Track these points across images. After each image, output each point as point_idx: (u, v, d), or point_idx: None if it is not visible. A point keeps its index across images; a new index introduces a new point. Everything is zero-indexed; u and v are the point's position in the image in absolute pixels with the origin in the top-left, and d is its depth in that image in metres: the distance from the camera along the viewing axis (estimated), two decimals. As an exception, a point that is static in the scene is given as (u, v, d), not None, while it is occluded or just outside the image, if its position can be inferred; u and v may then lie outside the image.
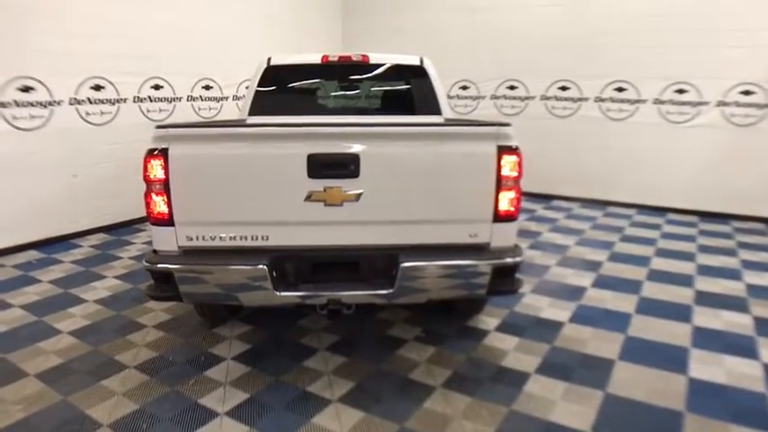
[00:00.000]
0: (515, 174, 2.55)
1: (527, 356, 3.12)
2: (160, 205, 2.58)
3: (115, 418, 2.63)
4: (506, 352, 3.18)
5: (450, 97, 8.03)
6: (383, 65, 4.26)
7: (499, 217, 2.59)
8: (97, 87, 5.73)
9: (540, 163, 7.42)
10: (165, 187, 2.54)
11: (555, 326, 3.52)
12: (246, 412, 2.64)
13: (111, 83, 5.84)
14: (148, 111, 6.27)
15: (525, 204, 6.92)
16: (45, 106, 5.30)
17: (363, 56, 4.17)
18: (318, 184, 2.51)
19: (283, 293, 2.57)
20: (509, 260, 2.57)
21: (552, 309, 3.79)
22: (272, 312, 3.70)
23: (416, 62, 4.22)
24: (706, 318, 3.67)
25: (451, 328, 3.49)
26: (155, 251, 2.70)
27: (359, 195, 2.53)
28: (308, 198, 2.52)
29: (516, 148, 2.55)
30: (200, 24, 6.68)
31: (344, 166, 2.49)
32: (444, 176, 2.55)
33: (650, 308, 3.82)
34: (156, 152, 2.51)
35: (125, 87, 5.99)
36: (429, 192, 2.57)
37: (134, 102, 6.11)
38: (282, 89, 4.30)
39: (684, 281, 4.35)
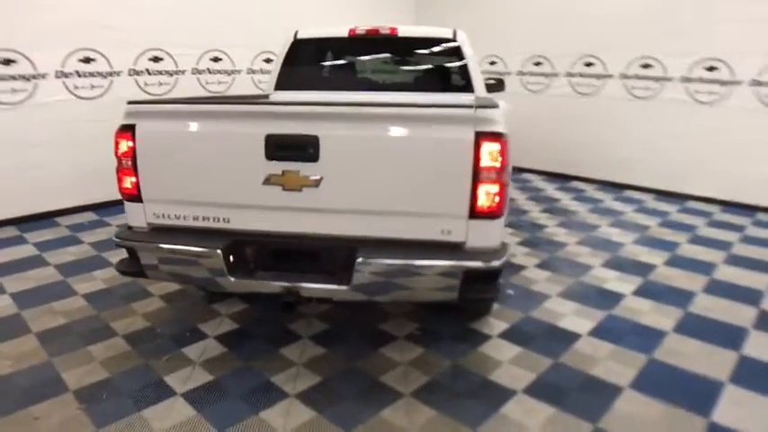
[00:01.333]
0: (497, 164, 2.20)
1: (521, 371, 2.77)
2: (128, 181, 2.53)
3: (82, 385, 2.67)
4: (500, 363, 2.85)
5: (522, 74, 7.49)
6: (412, 38, 3.93)
7: (476, 213, 2.25)
8: (156, 59, 5.87)
9: (611, 150, 6.79)
10: (133, 163, 2.49)
11: (569, 338, 3.11)
12: (203, 396, 2.57)
13: (169, 55, 5.96)
14: (207, 83, 6.38)
15: (593, 194, 6.33)
16: (105, 77, 5.51)
17: (392, 29, 3.89)
18: (277, 167, 2.32)
19: (238, 280, 2.43)
20: (481, 264, 2.23)
21: (575, 317, 3.36)
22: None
23: (448, 35, 3.86)
24: (760, 347, 3.06)
25: (451, 329, 3.19)
26: (129, 227, 2.66)
27: (318, 181, 2.31)
28: (267, 181, 2.34)
29: (501, 135, 2.19)
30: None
31: (303, 149, 2.28)
32: (413, 164, 2.25)
33: (692, 326, 3.27)
34: (124, 128, 2.45)
35: (184, 59, 6.10)
36: (396, 180, 2.28)
37: (192, 74, 6.22)
38: (308, 63, 4.13)
39: (751, 297, 3.69)
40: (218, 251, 2.38)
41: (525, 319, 3.32)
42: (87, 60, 5.38)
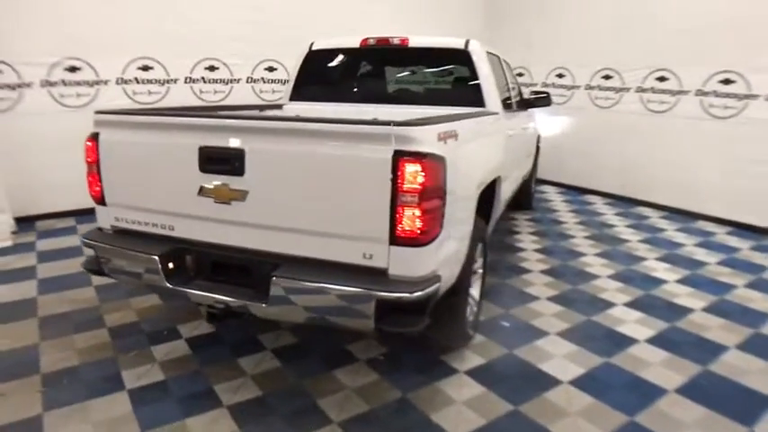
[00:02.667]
0: (419, 187, 2.03)
1: (471, 415, 2.55)
2: (94, 185, 2.67)
3: (52, 369, 2.83)
4: (451, 403, 2.63)
5: (590, 88, 7.00)
6: (423, 48, 3.79)
7: (398, 239, 2.09)
8: (212, 68, 6.18)
9: (683, 174, 6.09)
10: (98, 169, 2.62)
11: (545, 383, 2.82)
12: (145, 394, 2.63)
13: (225, 64, 6.25)
14: (261, 91, 6.61)
15: (656, 222, 5.75)
16: (162, 84, 5.89)
17: (402, 39, 3.78)
18: (208, 179, 2.33)
19: (174, 287, 2.45)
20: (390, 294, 2.06)
21: (564, 360, 3.05)
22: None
23: (460, 46, 3.67)
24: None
25: (419, 358, 3.02)
26: (99, 228, 2.80)
27: (245, 194, 2.27)
28: (201, 192, 2.37)
29: (425, 156, 2.02)
30: (321, 6, 6.73)
31: (229, 162, 2.27)
32: (333, 183, 2.14)
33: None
34: (91, 136, 2.62)
35: (238, 69, 6.36)
36: (317, 199, 2.19)
37: (247, 82, 6.48)
38: (322, 74, 4.13)
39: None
40: (155, 257, 2.41)
41: (505, 357, 3.06)
42: (146, 68, 5.77)
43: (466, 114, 2.86)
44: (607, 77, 6.86)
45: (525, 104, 4.92)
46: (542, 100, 4.93)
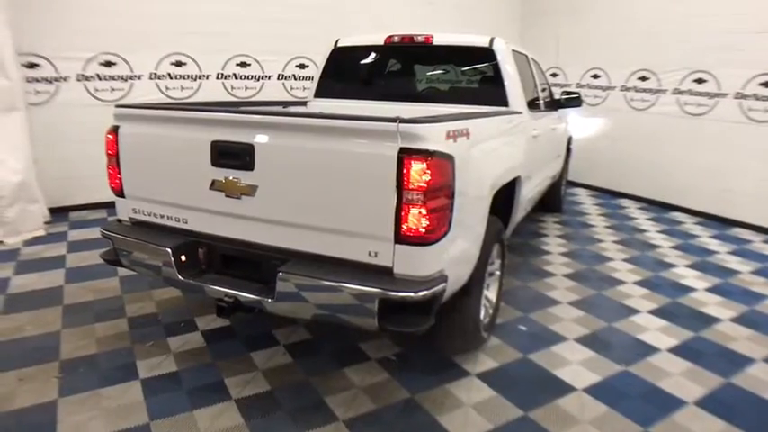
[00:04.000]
0: (424, 186, 2.00)
1: (479, 420, 2.50)
2: (114, 177, 2.73)
3: (71, 357, 2.91)
4: (459, 406, 2.59)
5: (625, 89, 6.81)
6: (447, 46, 3.75)
7: (403, 238, 2.07)
8: (243, 64, 6.26)
9: (720, 180, 5.86)
10: (117, 162, 2.68)
11: (559, 390, 2.74)
12: (156, 386, 2.67)
13: (256, 60, 6.33)
14: (292, 88, 6.68)
15: (690, 228, 5.61)
16: (194, 79, 6.01)
17: (427, 37, 3.75)
18: (220, 173, 2.36)
19: (186, 280, 2.49)
20: (393, 293, 2.04)
21: (580, 367, 2.97)
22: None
23: (484, 44, 3.62)
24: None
25: (431, 359, 2.98)
26: (118, 220, 2.87)
27: (254, 189, 2.29)
28: (212, 186, 2.39)
29: (432, 153, 1.99)
30: (355, 3, 6.75)
31: (239, 157, 2.28)
32: (339, 179, 2.13)
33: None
34: (112, 129, 2.68)
35: (270, 65, 6.43)
36: (323, 195, 2.18)
37: (278, 79, 6.55)
38: (347, 71, 4.13)
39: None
40: (168, 249, 2.45)
41: (519, 361, 2.99)
42: (179, 64, 5.89)
43: (481, 113, 2.80)
44: (643, 79, 6.66)
45: (555, 105, 4.82)
46: (573, 101, 4.82)
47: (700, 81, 6.04)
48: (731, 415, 2.56)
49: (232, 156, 2.30)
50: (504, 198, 3.08)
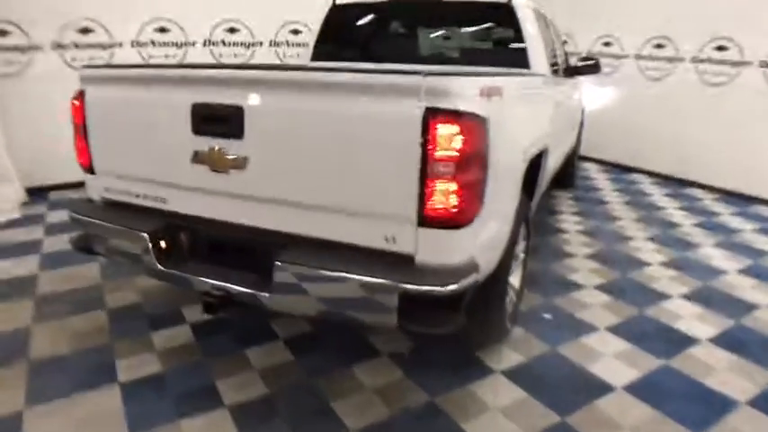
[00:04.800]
0: (456, 155, 1.62)
1: (511, 426, 2.17)
2: (82, 151, 2.34)
3: (40, 358, 2.58)
4: (487, 410, 2.26)
5: (639, 57, 6.40)
6: (460, 3, 3.34)
7: (428, 219, 1.70)
8: (232, 30, 5.81)
9: (743, 154, 5.51)
10: (85, 132, 2.30)
11: (597, 389, 2.42)
12: (137, 391, 2.33)
13: (246, 26, 5.90)
14: (285, 55, 6.33)
15: (710, 205, 5.28)
16: (179, 47, 5.55)
17: (438, -7, 3.32)
18: (203, 143, 1.97)
19: (167, 270, 2.12)
20: (419, 287, 1.68)
21: (617, 361, 2.65)
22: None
23: (503, 0, 3.20)
24: None
25: (449, 354, 2.65)
26: (88, 200, 2.49)
27: (244, 161, 1.90)
28: (195, 159, 2.01)
29: (464, 115, 1.61)
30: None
31: (226, 123, 1.90)
32: (348, 148, 1.76)
33: None
34: (77, 95, 2.30)
35: (261, 31, 6.10)
36: (329, 167, 1.81)
37: (270, 45, 6.24)
38: (346, 33, 3.71)
39: None
40: (145, 234, 2.08)
41: (548, 355, 2.67)
42: (163, 30, 5.45)
43: (512, 72, 2.41)
44: (659, 46, 6.25)
45: (572, 72, 4.43)
46: (590, 67, 4.43)
47: (721, 48, 5.65)
48: (795, 417, 2.24)
49: (217, 121, 1.91)
50: (529, 172, 2.71)
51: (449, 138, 1.61)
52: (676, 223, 4.84)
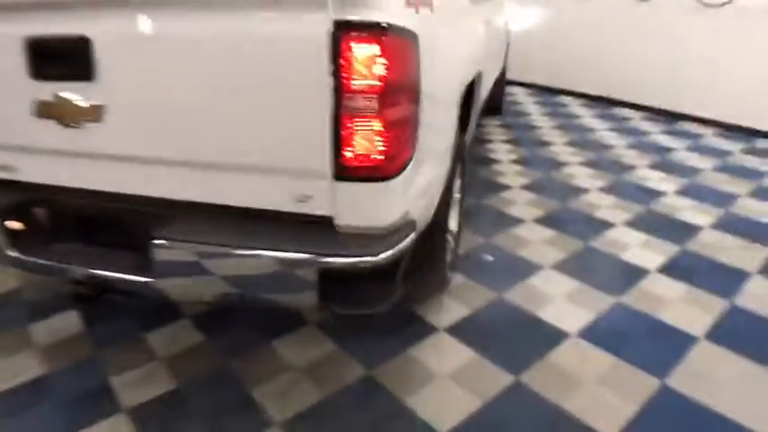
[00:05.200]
0: (378, 84, 1.22)
1: (462, 393, 1.91)
2: None
3: None
4: (432, 378, 1.99)
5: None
6: None
7: (347, 171, 1.31)
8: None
9: (671, 73, 5.41)
10: None
11: (549, 337, 2.22)
12: (14, 403, 1.89)
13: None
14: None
15: (639, 124, 5.20)
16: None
17: None
18: (44, 90, 1.45)
19: (23, 257, 1.62)
20: (341, 259, 1.31)
21: (570, 305, 2.43)
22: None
23: None
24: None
25: (386, 315, 2.30)
26: None
27: (99, 111, 1.41)
28: (38, 112, 1.48)
29: (388, 29, 1.20)
30: None
31: (69, 61, 1.39)
32: (236, 83, 1.31)
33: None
34: None
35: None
36: (211, 112, 1.36)
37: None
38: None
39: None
40: (-16, 213, 1.56)
41: (494, 303, 2.42)
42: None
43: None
44: (585, -44, 5.90)
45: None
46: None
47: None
48: (755, 348, 2.12)
49: (58, 60, 1.40)
50: (463, 101, 2.35)
51: (368, 62, 1.20)
52: (609, 145, 4.72)
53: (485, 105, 4.30)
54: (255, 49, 1.25)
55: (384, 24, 1.20)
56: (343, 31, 1.18)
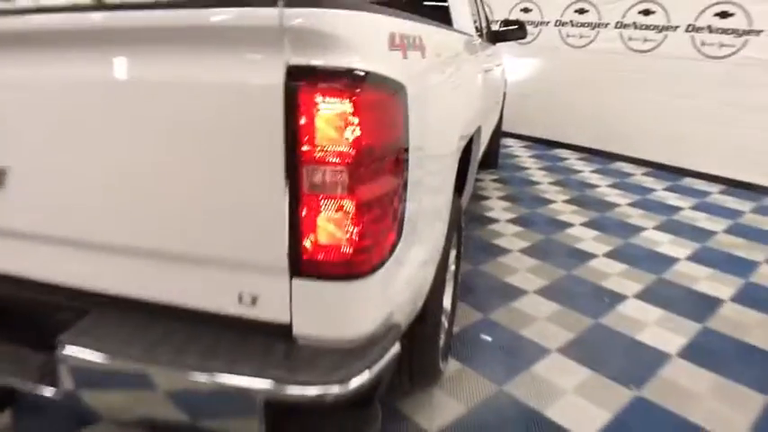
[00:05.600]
0: (352, 150, 0.88)
1: None
2: None
3: None
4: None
5: (561, 24, 5.93)
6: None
7: (306, 265, 0.95)
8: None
9: (672, 126, 5.20)
10: None
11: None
12: None
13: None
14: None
15: (642, 180, 4.97)
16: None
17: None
18: None
19: None
20: (296, 390, 0.94)
21: (582, 399, 2.04)
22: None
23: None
24: None
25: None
26: None
27: (2, 174, 1.06)
28: None
29: (362, 77, 0.87)
30: None
31: None
32: (170, 142, 0.97)
33: None
34: None
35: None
36: (136, 180, 1.02)
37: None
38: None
39: None
40: None
41: (495, 398, 2.04)
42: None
43: (431, 23, 1.69)
44: (581, 11, 5.80)
45: (495, 37, 3.81)
46: (515, 32, 3.85)
47: (647, 12, 5.27)
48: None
49: None
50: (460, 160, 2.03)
51: (337, 122, 0.87)
52: (612, 203, 4.46)
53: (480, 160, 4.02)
54: (189, 100, 0.92)
55: (359, 72, 0.88)
56: (304, 80, 0.85)
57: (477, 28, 3.05)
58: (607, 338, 2.48)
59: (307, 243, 0.95)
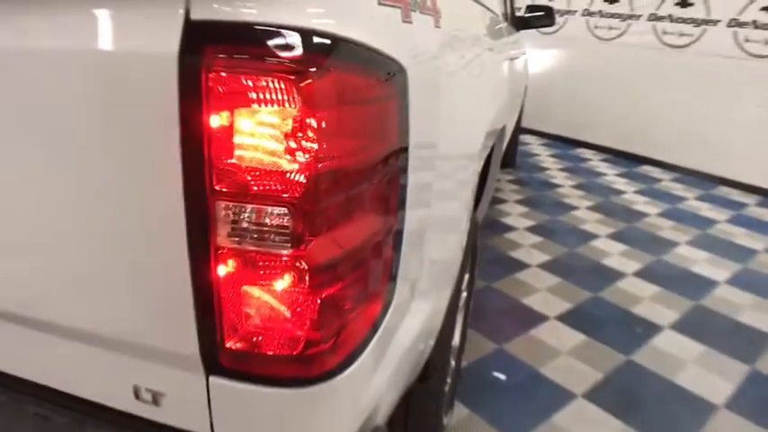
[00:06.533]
0: (304, 174, 0.51)
1: None
2: None
3: None
4: None
5: (589, 14, 5.49)
6: None
7: (229, 359, 0.57)
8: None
9: (707, 129, 4.76)
10: None
11: None
12: None
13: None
14: None
15: (670, 187, 4.56)
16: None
17: None
18: None
19: None
20: None
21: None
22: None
23: None
24: None
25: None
26: None
27: None
28: None
29: (329, 48, 0.48)
30: None
31: None
32: (12, 149, 0.58)
33: None
34: None
35: None
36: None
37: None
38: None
39: None
40: None
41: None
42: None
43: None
44: (612, 1, 5.33)
45: (520, 23, 3.39)
46: (542, 19, 3.45)
47: (684, 4, 4.81)
48: None
49: None
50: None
51: (278, 125, 0.48)
52: (640, 212, 4.06)
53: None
54: (27, 84, 0.53)
55: (321, 39, 0.49)
56: (216, 48, 0.46)
57: (503, 13, 2.65)
58: (642, 380, 2.10)
59: (228, 326, 0.56)
